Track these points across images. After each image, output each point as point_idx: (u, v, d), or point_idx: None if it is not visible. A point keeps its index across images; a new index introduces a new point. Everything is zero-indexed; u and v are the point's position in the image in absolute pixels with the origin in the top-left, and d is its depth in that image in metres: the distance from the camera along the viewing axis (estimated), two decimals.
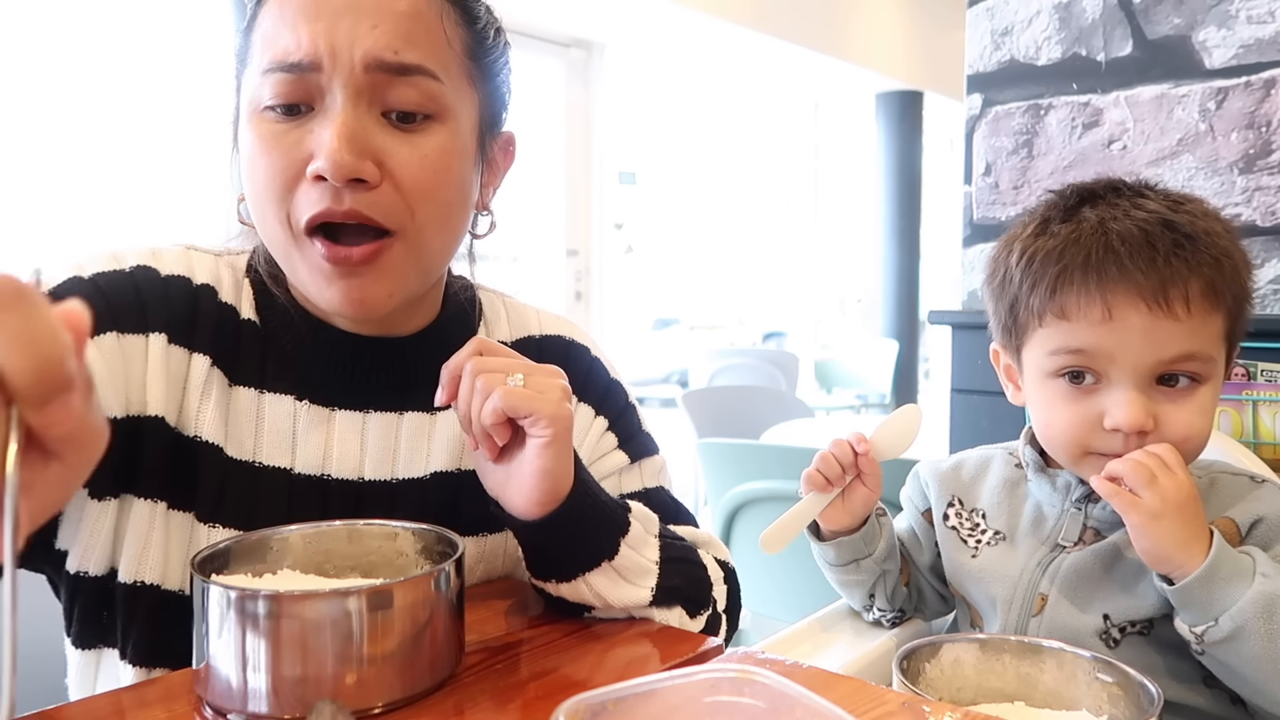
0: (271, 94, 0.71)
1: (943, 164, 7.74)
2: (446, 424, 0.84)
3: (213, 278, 0.79)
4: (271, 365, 0.79)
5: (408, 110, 0.72)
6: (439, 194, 0.74)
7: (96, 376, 0.69)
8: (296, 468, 0.78)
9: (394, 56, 0.71)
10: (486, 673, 0.65)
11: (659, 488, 0.92)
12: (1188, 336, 0.82)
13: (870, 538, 0.97)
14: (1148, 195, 0.87)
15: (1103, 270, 0.83)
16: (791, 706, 0.50)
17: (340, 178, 0.69)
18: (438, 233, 0.75)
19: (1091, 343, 0.84)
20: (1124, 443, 0.84)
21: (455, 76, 0.75)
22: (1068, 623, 0.87)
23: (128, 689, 0.64)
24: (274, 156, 0.71)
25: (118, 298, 0.74)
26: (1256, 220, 1.34)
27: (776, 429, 2.83)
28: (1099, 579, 0.88)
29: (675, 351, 8.62)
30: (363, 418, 0.80)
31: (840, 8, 6.08)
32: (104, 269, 0.75)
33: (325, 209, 0.70)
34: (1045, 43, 1.52)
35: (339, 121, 0.69)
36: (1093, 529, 0.90)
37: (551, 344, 0.92)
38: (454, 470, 0.83)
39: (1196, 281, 0.82)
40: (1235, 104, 1.35)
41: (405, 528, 0.71)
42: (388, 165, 0.71)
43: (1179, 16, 1.39)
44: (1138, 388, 0.83)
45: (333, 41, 0.70)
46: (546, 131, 5.30)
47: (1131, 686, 0.71)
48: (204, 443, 0.75)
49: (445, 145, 0.74)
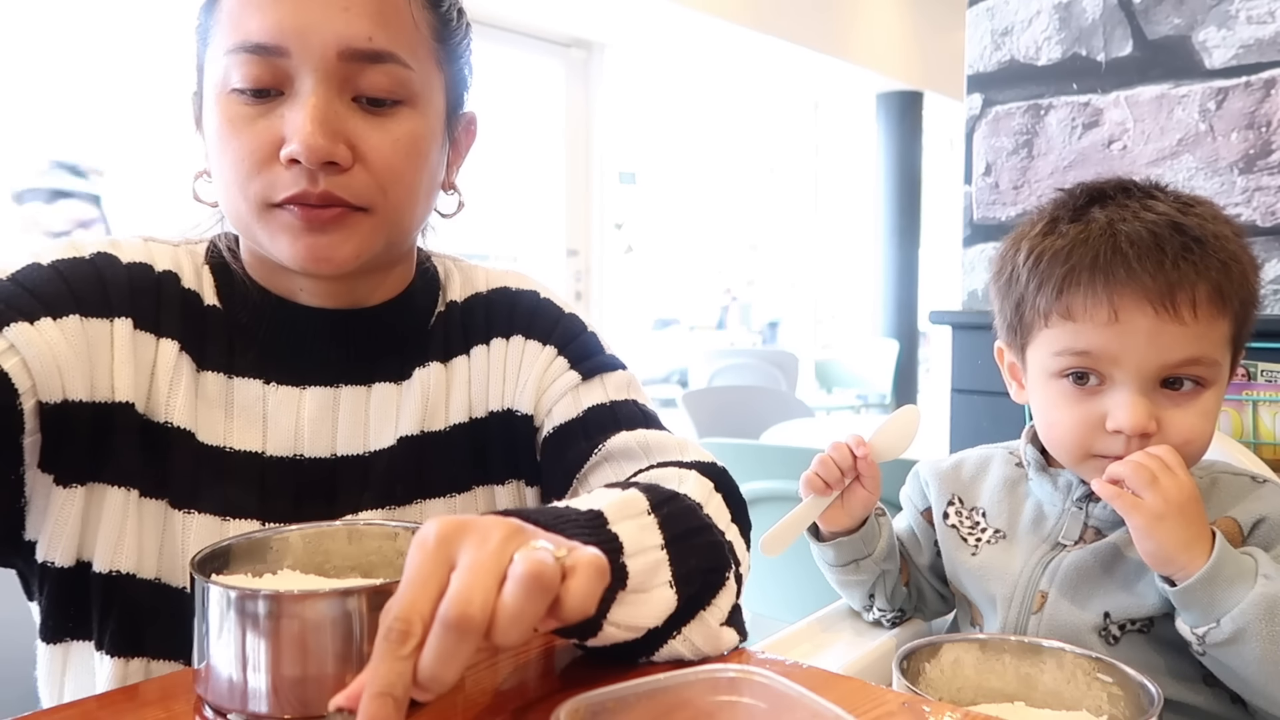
0: (240, 76, 0.70)
1: (943, 164, 7.74)
2: (414, 389, 0.83)
3: (173, 265, 0.79)
4: (238, 349, 0.79)
5: (378, 97, 0.73)
6: (410, 175, 0.75)
7: (59, 356, 0.70)
8: (269, 450, 0.78)
9: (367, 44, 0.71)
10: (486, 673, 0.65)
11: (628, 400, 0.84)
12: (1193, 340, 0.82)
13: (870, 538, 0.97)
14: (1157, 196, 0.87)
15: (1110, 272, 0.82)
16: (791, 706, 0.50)
17: (314, 161, 0.69)
18: (408, 211, 0.77)
19: (1097, 345, 0.84)
20: (1125, 445, 0.83)
21: (423, 60, 0.75)
22: (1068, 620, 0.87)
23: (127, 689, 0.63)
24: (245, 139, 0.71)
25: (79, 282, 0.74)
26: (1256, 220, 1.34)
27: (776, 429, 2.83)
28: (1099, 577, 0.88)
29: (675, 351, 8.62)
30: (334, 393, 0.80)
31: (840, 8, 6.08)
32: (63, 256, 0.75)
33: (301, 190, 0.70)
34: (1045, 43, 1.52)
35: (311, 105, 0.69)
36: (1093, 528, 0.90)
37: (499, 297, 0.90)
38: (419, 433, 0.82)
39: (1204, 286, 0.82)
40: (1235, 104, 1.35)
41: (405, 527, 0.71)
42: (360, 149, 0.72)
43: (1179, 16, 1.39)
44: (1141, 390, 0.83)
45: (303, 25, 0.70)
46: (546, 131, 5.30)
47: (1131, 686, 0.71)
48: (176, 429, 0.75)
49: (415, 129, 0.75)
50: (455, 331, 0.87)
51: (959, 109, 1.66)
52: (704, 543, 0.67)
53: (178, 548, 0.74)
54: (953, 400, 1.60)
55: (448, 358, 0.86)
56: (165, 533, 0.74)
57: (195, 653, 0.60)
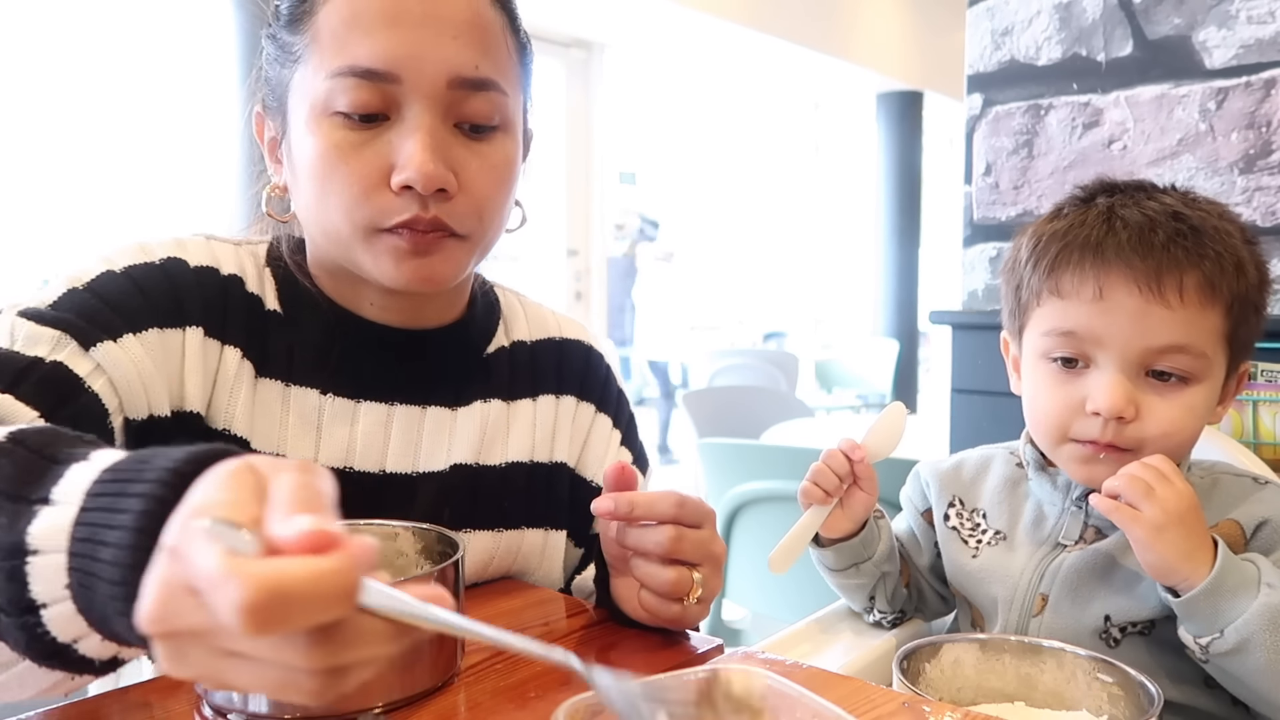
0: (347, 101, 0.71)
1: (943, 164, 7.74)
2: (468, 418, 0.85)
3: (238, 268, 0.80)
4: (297, 358, 0.79)
5: (481, 124, 0.74)
6: (502, 200, 0.77)
7: (143, 373, 0.71)
8: (320, 459, 0.79)
9: (475, 72, 0.73)
10: (486, 673, 0.65)
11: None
12: (1180, 327, 0.81)
13: (869, 541, 0.96)
14: (1169, 193, 0.88)
15: (1100, 251, 0.83)
16: (792, 706, 0.50)
17: (429, 189, 0.71)
18: (496, 234, 0.80)
19: (1082, 323, 0.84)
20: (1102, 429, 0.83)
21: (513, 85, 0.77)
22: (1068, 624, 0.87)
23: (127, 689, 0.63)
24: (353, 165, 0.72)
25: (155, 292, 0.74)
26: (1257, 220, 1.34)
27: (776, 429, 2.83)
28: (1099, 580, 0.87)
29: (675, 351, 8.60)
30: (388, 410, 0.81)
31: (840, 8, 6.08)
32: (136, 261, 0.75)
33: (413, 216, 0.72)
34: (1045, 43, 1.52)
35: (423, 133, 0.71)
36: (1094, 527, 0.90)
37: (573, 348, 0.95)
38: (473, 464, 0.84)
39: (1194, 272, 0.81)
40: (1235, 104, 1.35)
41: (405, 527, 0.70)
42: (462, 177, 0.74)
43: (1179, 16, 1.39)
44: (1123, 374, 0.83)
45: (416, 52, 0.70)
46: (547, 131, 5.30)
47: (1131, 686, 0.71)
48: (232, 436, 0.75)
49: (509, 155, 0.77)
50: (523, 372, 0.90)
51: (959, 109, 1.66)
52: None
53: None
54: (953, 400, 1.60)
55: (512, 396, 0.88)
56: None
57: None
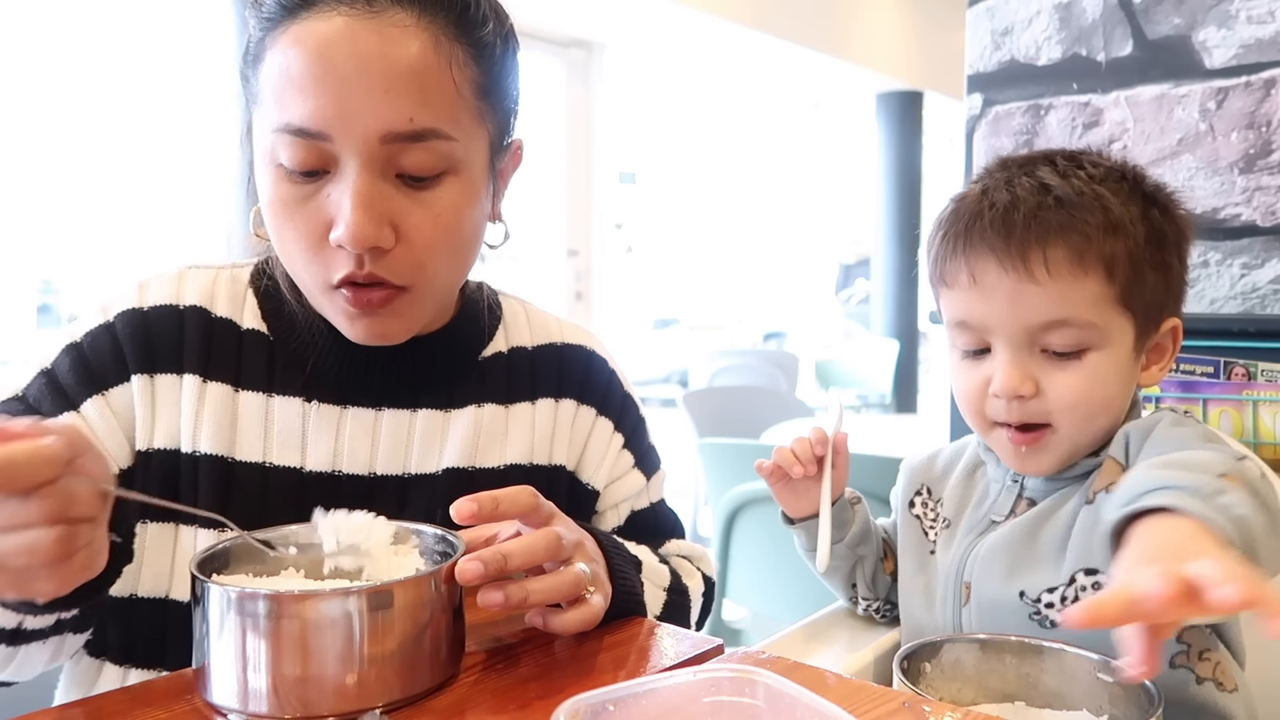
0: (286, 157, 0.72)
1: (943, 164, 7.74)
2: (461, 421, 0.85)
3: (204, 297, 0.82)
4: (280, 369, 0.81)
5: (421, 175, 0.73)
6: (448, 247, 0.76)
7: (101, 439, 0.76)
8: (307, 465, 0.80)
9: (408, 125, 0.71)
10: (486, 673, 0.65)
11: (661, 500, 0.99)
12: (1054, 302, 0.81)
13: (841, 524, 0.96)
14: (1057, 163, 0.85)
15: (969, 236, 0.84)
16: (791, 706, 0.50)
17: (360, 247, 0.71)
18: (446, 279, 0.79)
19: (966, 311, 0.86)
20: (1007, 409, 0.84)
21: (466, 125, 0.75)
22: (992, 608, 0.85)
23: (126, 689, 0.63)
24: (298, 221, 0.73)
25: (97, 359, 0.78)
26: (1257, 220, 1.34)
27: (776, 429, 2.83)
28: (1014, 555, 0.85)
29: (675, 351, 8.61)
30: (375, 414, 0.82)
31: (840, 8, 6.08)
32: (92, 326, 0.79)
33: (349, 273, 0.73)
34: (1045, 43, 1.52)
35: (355, 191, 0.70)
36: (1027, 499, 0.89)
37: (574, 353, 0.94)
38: (468, 467, 0.84)
39: (1059, 245, 0.81)
40: (1235, 104, 1.35)
41: (404, 528, 0.71)
42: (402, 229, 0.73)
43: (1179, 16, 1.39)
44: (1015, 354, 0.83)
45: (345, 111, 0.70)
46: (546, 131, 5.30)
47: (1132, 686, 0.71)
48: (204, 456, 0.77)
49: (457, 199, 0.75)
50: (522, 376, 0.90)
51: (959, 109, 1.66)
52: (684, 622, 0.89)
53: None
54: (953, 400, 1.60)
55: (510, 400, 0.88)
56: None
57: (195, 652, 0.61)
